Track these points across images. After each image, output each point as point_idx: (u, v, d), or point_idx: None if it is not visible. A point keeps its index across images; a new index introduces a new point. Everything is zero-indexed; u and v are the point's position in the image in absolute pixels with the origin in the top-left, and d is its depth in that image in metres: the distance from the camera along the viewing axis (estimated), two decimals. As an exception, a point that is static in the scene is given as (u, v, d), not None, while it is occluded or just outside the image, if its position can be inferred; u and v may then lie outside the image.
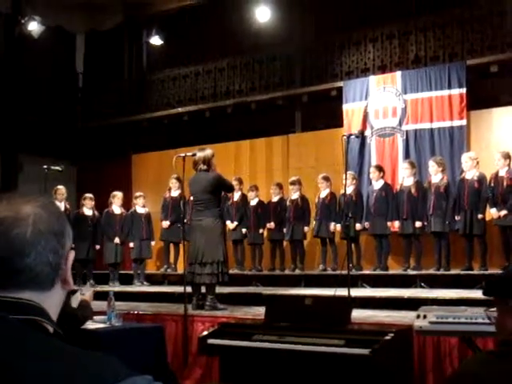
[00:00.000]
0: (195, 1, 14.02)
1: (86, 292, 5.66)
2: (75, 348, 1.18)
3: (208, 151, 8.17)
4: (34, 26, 13.59)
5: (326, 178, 11.07)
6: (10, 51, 14.21)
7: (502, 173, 9.52)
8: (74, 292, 4.98)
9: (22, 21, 13.62)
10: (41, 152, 13.43)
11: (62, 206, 11.27)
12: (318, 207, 11.09)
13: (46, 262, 1.26)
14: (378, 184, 10.68)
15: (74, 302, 5.34)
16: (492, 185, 9.58)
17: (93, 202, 11.98)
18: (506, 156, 9.54)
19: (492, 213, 9.59)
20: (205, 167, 8.03)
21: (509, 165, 9.51)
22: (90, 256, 11.75)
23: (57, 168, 9.69)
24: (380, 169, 10.77)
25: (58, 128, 14.92)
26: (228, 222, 11.46)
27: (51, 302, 1.29)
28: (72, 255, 1.33)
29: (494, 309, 2.05)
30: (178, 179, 11.79)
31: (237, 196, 11.86)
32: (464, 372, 1.89)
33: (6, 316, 1.19)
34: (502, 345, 1.90)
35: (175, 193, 12.21)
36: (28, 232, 1.24)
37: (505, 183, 9.46)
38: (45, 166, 9.55)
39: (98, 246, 11.96)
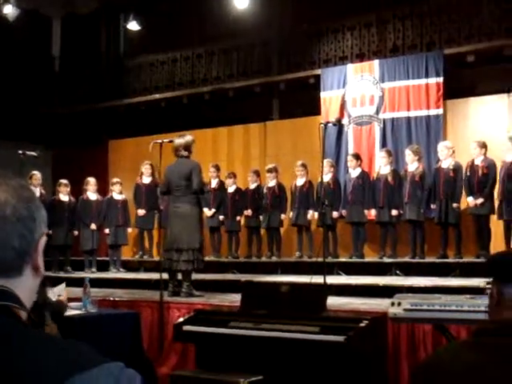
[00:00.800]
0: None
1: (61, 292, 5.62)
2: (48, 335, 1.17)
3: (188, 137, 8.15)
4: (8, 9, 13.39)
5: (304, 166, 11.08)
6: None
7: (478, 161, 9.60)
8: (45, 284, 4.92)
9: (-2, 4, 13.43)
10: (16, 137, 13.30)
11: (37, 191, 11.17)
12: (296, 195, 11.10)
13: (10, 247, 1.23)
14: (355, 172, 10.72)
15: (52, 295, 5.31)
16: (468, 173, 9.65)
17: (68, 188, 11.90)
18: (482, 145, 9.61)
19: (469, 201, 9.66)
20: (186, 153, 8.02)
21: (484, 154, 9.59)
22: (67, 242, 11.69)
23: (32, 153, 9.61)
24: (357, 157, 10.81)
25: (33, 113, 14.77)
26: (205, 210, 11.44)
27: (21, 289, 1.26)
28: (43, 240, 1.30)
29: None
30: (151, 165, 11.75)
31: (214, 183, 11.85)
32: (435, 361, 1.90)
33: None
34: (475, 335, 1.90)
35: (147, 179, 12.14)
36: None
37: (480, 172, 9.54)
38: (20, 152, 9.47)
39: (76, 232, 11.89)
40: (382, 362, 5.41)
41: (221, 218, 11.82)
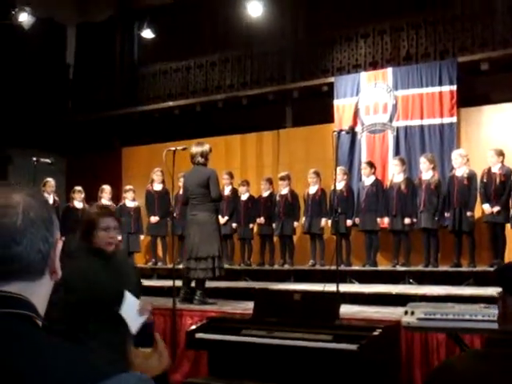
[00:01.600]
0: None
1: None
2: (65, 343, 1.17)
3: (206, 146, 8.16)
4: (24, 17, 13.50)
5: (317, 174, 11.07)
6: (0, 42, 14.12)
7: (495, 169, 9.55)
8: None
9: (13, 12, 13.53)
10: (31, 144, 13.37)
11: (50, 198, 11.24)
12: (308, 203, 11.09)
13: (37, 249, 1.25)
14: (369, 180, 10.69)
15: None
16: (485, 180, 9.60)
17: (82, 195, 11.96)
18: (500, 153, 9.57)
19: (485, 208, 9.60)
20: (202, 160, 8.03)
21: (502, 162, 9.55)
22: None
23: (46, 160, 9.66)
24: (371, 165, 10.79)
25: (48, 120, 14.85)
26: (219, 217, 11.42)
27: (40, 291, 1.28)
28: (60, 244, 1.32)
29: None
30: (162, 172, 11.77)
31: (227, 190, 11.85)
32: (447, 369, 1.90)
33: None
34: (486, 345, 1.91)
35: (158, 186, 12.16)
36: (18, 220, 1.23)
37: (498, 180, 9.50)
38: (34, 158, 9.51)
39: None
40: (395, 371, 5.39)
41: (234, 225, 11.82)
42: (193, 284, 8.08)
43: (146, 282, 11.08)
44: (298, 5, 13.27)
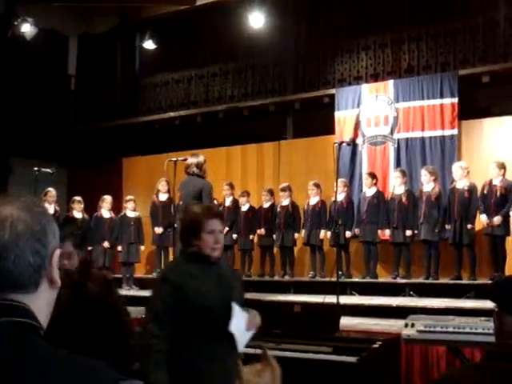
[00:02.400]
0: (189, 6, 14.01)
1: None
2: (69, 353, 1.17)
3: (201, 157, 8.20)
4: (26, 28, 13.55)
5: (317, 185, 11.07)
6: (1, 53, 14.15)
7: (496, 182, 9.55)
8: None
9: (15, 22, 13.58)
10: (32, 154, 13.39)
11: (51, 208, 11.24)
12: (308, 214, 11.08)
13: (26, 263, 1.24)
14: (370, 191, 10.69)
15: None
16: (485, 192, 9.60)
17: (82, 205, 11.96)
18: (501, 166, 9.58)
19: (482, 220, 9.60)
20: (197, 171, 8.04)
21: (503, 175, 9.55)
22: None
23: (47, 170, 9.69)
24: (373, 176, 10.79)
25: (49, 131, 14.86)
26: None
27: (38, 303, 1.27)
28: (57, 254, 1.31)
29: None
30: (167, 182, 11.77)
31: (228, 201, 11.85)
32: (448, 380, 1.90)
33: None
34: (487, 358, 1.91)
35: (163, 196, 12.15)
36: (6, 235, 1.22)
37: (498, 192, 9.50)
38: (35, 168, 9.53)
39: (89, 248, 11.93)
40: (394, 384, 5.36)
41: (234, 236, 11.81)
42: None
43: (145, 293, 11.07)
44: (299, 16, 13.31)
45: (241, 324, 3.50)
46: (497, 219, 9.39)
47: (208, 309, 3.40)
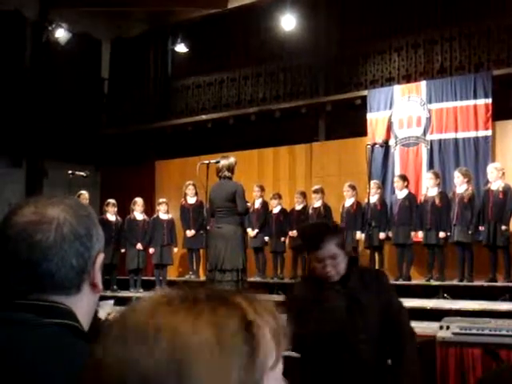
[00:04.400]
0: (220, 9, 14.07)
1: (110, 309, 5.63)
2: None
3: (232, 159, 8.22)
4: (60, 33, 13.72)
5: (353, 187, 11.03)
6: (37, 58, 14.35)
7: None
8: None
9: (50, 28, 13.77)
10: (66, 158, 13.53)
11: (85, 211, 11.34)
12: (344, 216, 11.04)
13: (69, 266, 1.25)
14: (401, 193, 10.63)
15: (105, 308, 5.32)
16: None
17: (115, 208, 12.05)
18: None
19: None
20: (228, 174, 8.07)
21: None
22: (114, 261, 11.82)
23: (81, 173, 9.78)
24: (404, 178, 10.73)
25: (82, 134, 15.02)
26: (249, 230, 11.42)
27: (80, 306, 1.28)
28: (101, 258, 1.32)
29: None
30: (194, 185, 11.83)
31: (258, 203, 11.87)
32: (495, 378, 1.89)
33: (36, 320, 1.19)
34: None
35: (192, 199, 12.21)
36: (51, 237, 1.23)
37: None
38: (69, 172, 9.63)
39: (123, 250, 12.03)
40: (429, 387, 5.32)
41: (266, 238, 11.81)
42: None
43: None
44: (331, 18, 13.27)
45: None
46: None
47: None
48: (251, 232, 11.67)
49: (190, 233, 12.17)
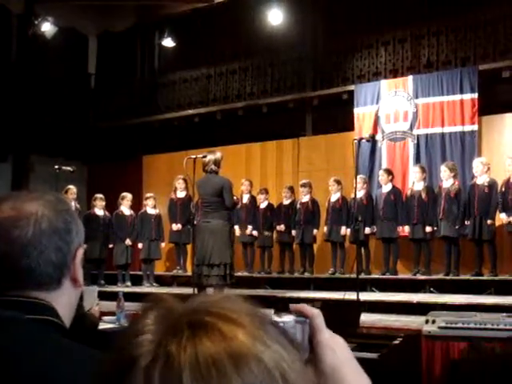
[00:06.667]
0: (207, 3, 14.03)
1: (91, 298, 5.63)
2: (90, 349, 1.18)
3: (218, 154, 8.22)
4: (47, 27, 13.66)
5: (338, 182, 11.05)
6: (22, 52, 14.26)
7: (514, 178, 9.49)
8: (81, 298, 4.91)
9: (35, 22, 13.68)
10: (52, 152, 13.48)
11: (72, 205, 11.31)
12: (329, 211, 11.07)
13: (48, 261, 1.24)
14: (386, 187, 10.67)
15: (90, 297, 5.31)
16: (503, 190, 9.54)
17: (103, 203, 12.03)
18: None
19: (502, 218, 9.55)
20: (215, 168, 8.07)
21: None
22: (102, 256, 11.81)
23: (68, 168, 9.74)
24: (389, 172, 10.76)
25: (69, 129, 14.96)
26: (236, 227, 11.38)
27: (61, 301, 1.27)
28: (81, 252, 1.31)
29: None
30: (184, 180, 11.80)
31: (245, 198, 11.87)
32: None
33: (21, 316, 1.19)
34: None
35: (181, 194, 12.21)
36: (29, 232, 1.22)
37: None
38: (56, 166, 9.59)
39: (111, 245, 12.02)
40: (415, 380, 5.35)
41: (254, 233, 11.82)
42: (209, 291, 8.09)
43: (166, 290, 11.13)
44: (317, 12, 13.27)
45: None
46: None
47: None
48: (245, 230, 11.71)
49: (176, 227, 12.16)
